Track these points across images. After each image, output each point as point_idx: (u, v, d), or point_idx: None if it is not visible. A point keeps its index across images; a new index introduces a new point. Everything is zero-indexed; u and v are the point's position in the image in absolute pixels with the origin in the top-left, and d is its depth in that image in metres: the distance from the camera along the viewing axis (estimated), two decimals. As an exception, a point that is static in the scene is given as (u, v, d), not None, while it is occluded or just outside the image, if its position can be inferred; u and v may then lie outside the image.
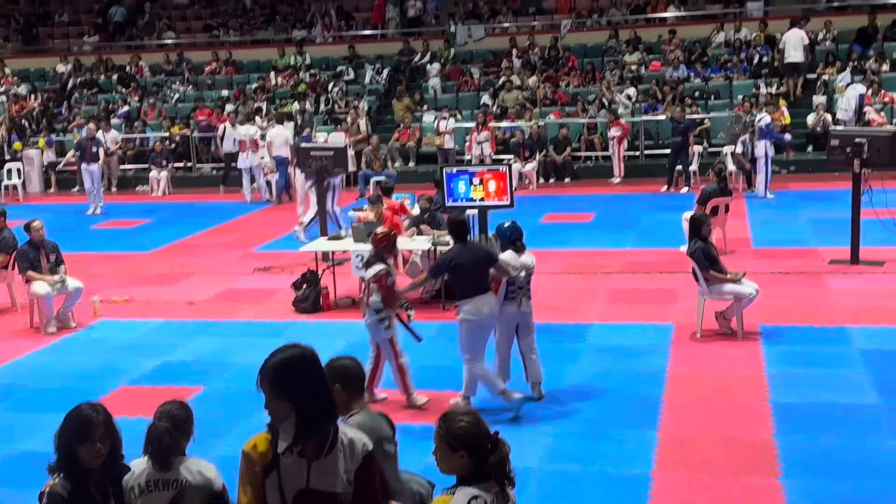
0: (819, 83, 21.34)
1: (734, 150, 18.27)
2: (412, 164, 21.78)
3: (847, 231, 12.15)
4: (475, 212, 11.18)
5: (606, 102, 21.39)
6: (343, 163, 14.65)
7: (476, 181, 10.65)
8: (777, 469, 6.63)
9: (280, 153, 19.00)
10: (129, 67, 27.09)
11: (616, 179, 20.06)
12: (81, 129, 20.07)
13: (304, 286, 11.30)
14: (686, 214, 11.72)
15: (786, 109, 20.28)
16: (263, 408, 3.45)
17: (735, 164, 18.15)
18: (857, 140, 12.05)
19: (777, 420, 7.44)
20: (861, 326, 9.64)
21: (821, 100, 20.50)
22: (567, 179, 20.54)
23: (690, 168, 18.93)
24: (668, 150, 19.34)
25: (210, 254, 14.94)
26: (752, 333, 9.53)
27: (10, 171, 22.48)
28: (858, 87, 19.73)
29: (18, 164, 22.69)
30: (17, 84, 26.88)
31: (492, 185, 10.61)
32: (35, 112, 25.36)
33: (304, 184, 15.45)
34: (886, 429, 7.23)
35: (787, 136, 19.82)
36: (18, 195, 22.08)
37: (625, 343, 9.52)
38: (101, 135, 21.00)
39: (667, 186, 18.72)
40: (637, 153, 20.97)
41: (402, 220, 12.45)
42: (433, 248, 11.05)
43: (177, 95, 25.41)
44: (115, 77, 26.74)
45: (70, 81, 26.74)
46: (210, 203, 20.08)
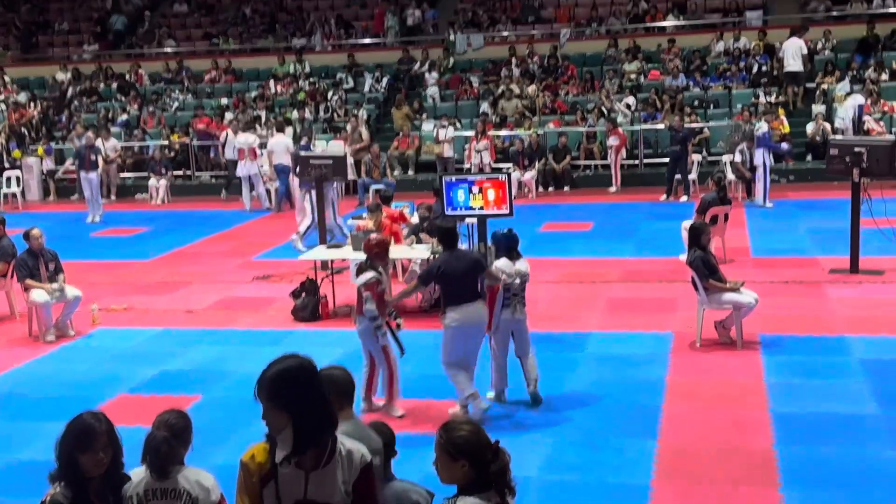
0: (818, 92, 21.37)
1: (733, 159, 18.28)
2: (411, 173, 21.78)
3: (846, 240, 12.15)
4: (474, 220, 11.17)
5: (606, 111, 21.41)
6: (342, 171, 14.66)
7: (475, 190, 10.63)
8: (777, 479, 6.61)
9: (281, 161, 18.99)
10: (129, 76, 27.10)
11: (613, 189, 20.07)
12: (81, 138, 20.06)
13: (303, 295, 11.29)
14: (685, 223, 11.74)
15: (785, 118, 20.31)
16: (261, 418, 3.44)
17: (734, 174, 18.15)
18: (857, 149, 12.06)
19: (777, 430, 7.43)
20: (861, 336, 9.64)
21: (820, 109, 20.52)
22: (566, 188, 20.54)
23: (689, 177, 18.93)
24: (668, 159, 19.33)
25: (209, 262, 14.93)
26: (752, 343, 9.52)
27: (10, 179, 22.47)
28: (858, 98, 19.72)
29: (18, 172, 22.68)
30: (17, 92, 26.90)
31: (491, 194, 10.60)
32: (34, 120, 25.36)
33: (301, 192, 15.45)
34: (886, 439, 7.22)
35: (785, 145, 19.84)
36: (17, 203, 22.07)
37: (624, 352, 9.50)
38: (101, 143, 21.01)
39: (666, 195, 18.72)
40: (636, 162, 20.99)
41: (402, 229, 12.46)
42: (432, 257, 11.03)
43: (176, 104, 25.41)
44: (115, 85, 26.75)
45: (70, 90, 26.77)
46: (209, 211, 20.07)
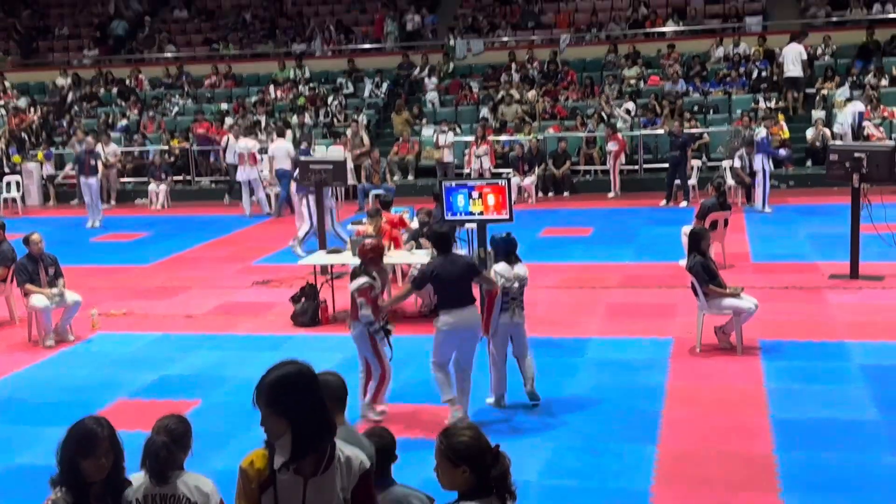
0: (818, 98, 21.38)
1: (733, 165, 18.28)
2: (411, 178, 21.78)
3: (846, 246, 12.15)
4: (474, 225, 11.17)
5: (605, 116, 21.43)
6: (342, 176, 14.65)
7: (475, 195, 10.62)
8: (776, 485, 6.60)
9: (282, 166, 18.97)
10: (129, 81, 27.13)
11: (612, 194, 20.08)
12: (81, 143, 20.07)
13: (303, 300, 11.28)
14: (685, 229, 11.74)
15: (784, 124, 20.32)
16: (260, 424, 3.44)
17: (734, 179, 18.16)
18: (857, 155, 12.06)
19: (777, 435, 7.43)
20: (861, 341, 9.63)
21: (820, 114, 20.52)
22: (566, 193, 20.55)
23: (689, 182, 18.94)
24: (667, 165, 19.35)
25: (209, 267, 14.92)
26: (752, 348, 9.51)
27: (10, 184, 22.48)
28: (857, 105, 19.72)
29: (17, 177, 22.70)
30: (17, 97, 26.92)
31: (491, 199, 10.59)
32: (34, 125, 25.38)
33: (298, 197, 15.45)
34: (886, 444, 7.21)
35: (783, 151, 19.84)
36: (17, 208, 22.08)
37: (624, 357, 9.50)
38: (101, 148, 21.01)
39: (666, 201, 18.73)
40: (636, 167, 21.00)
41: (401, 234, 12.46)
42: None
43: (176, 109, 25.44)
44: (115, 90, 26.78)
45: (70, 95, 26.78)
46: (209, 216, 20.07)
